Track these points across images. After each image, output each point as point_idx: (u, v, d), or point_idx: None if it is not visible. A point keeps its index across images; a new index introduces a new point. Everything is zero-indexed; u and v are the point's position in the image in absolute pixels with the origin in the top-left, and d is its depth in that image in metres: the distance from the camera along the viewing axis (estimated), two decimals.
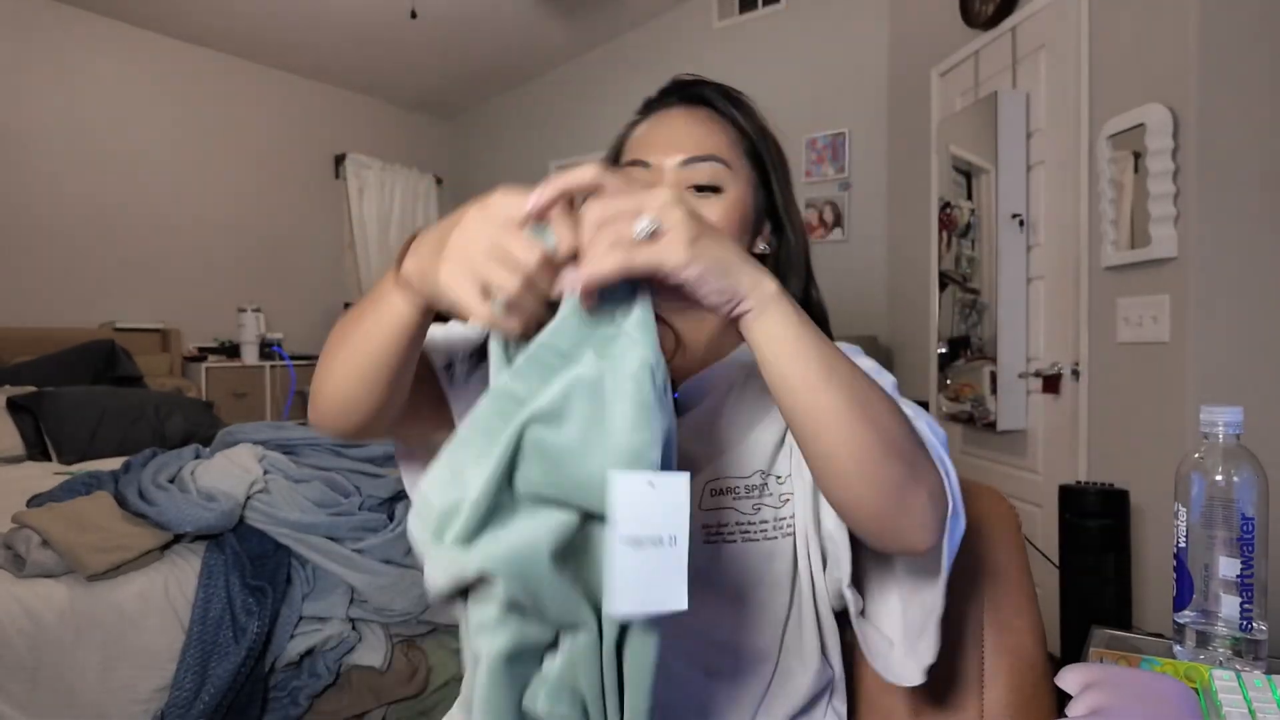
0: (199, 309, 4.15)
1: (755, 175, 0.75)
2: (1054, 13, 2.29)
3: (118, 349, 3.35)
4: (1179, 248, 1.80)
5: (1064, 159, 2.26)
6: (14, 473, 2.33)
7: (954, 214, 2.70)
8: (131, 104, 3.91)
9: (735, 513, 0.70)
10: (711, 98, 0.75)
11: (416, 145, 5.44)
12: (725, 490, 0.70)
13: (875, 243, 3.78)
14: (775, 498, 0.71)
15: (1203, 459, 0.67)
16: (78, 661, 1.43)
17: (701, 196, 0.71)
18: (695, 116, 0.74)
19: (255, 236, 4.46)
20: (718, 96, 0.75)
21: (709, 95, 0.75)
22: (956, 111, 2.79)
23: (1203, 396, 1.75)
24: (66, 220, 3.67)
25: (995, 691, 0.71)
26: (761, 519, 0.70)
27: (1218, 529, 0.65)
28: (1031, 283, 2.42)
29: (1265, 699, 0.56)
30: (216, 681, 1.50)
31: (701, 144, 0.72)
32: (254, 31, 4.12)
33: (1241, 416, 0.66)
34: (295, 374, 4.25)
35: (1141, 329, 1.93)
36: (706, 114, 0.74)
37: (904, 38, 3.45)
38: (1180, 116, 1.80)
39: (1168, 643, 0.71)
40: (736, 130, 0.75)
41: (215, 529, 1.66)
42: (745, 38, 4.21)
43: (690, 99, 0.76)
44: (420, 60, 4.67)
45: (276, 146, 4.57)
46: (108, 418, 2.72)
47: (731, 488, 0.70)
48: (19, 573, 1.46)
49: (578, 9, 4.31)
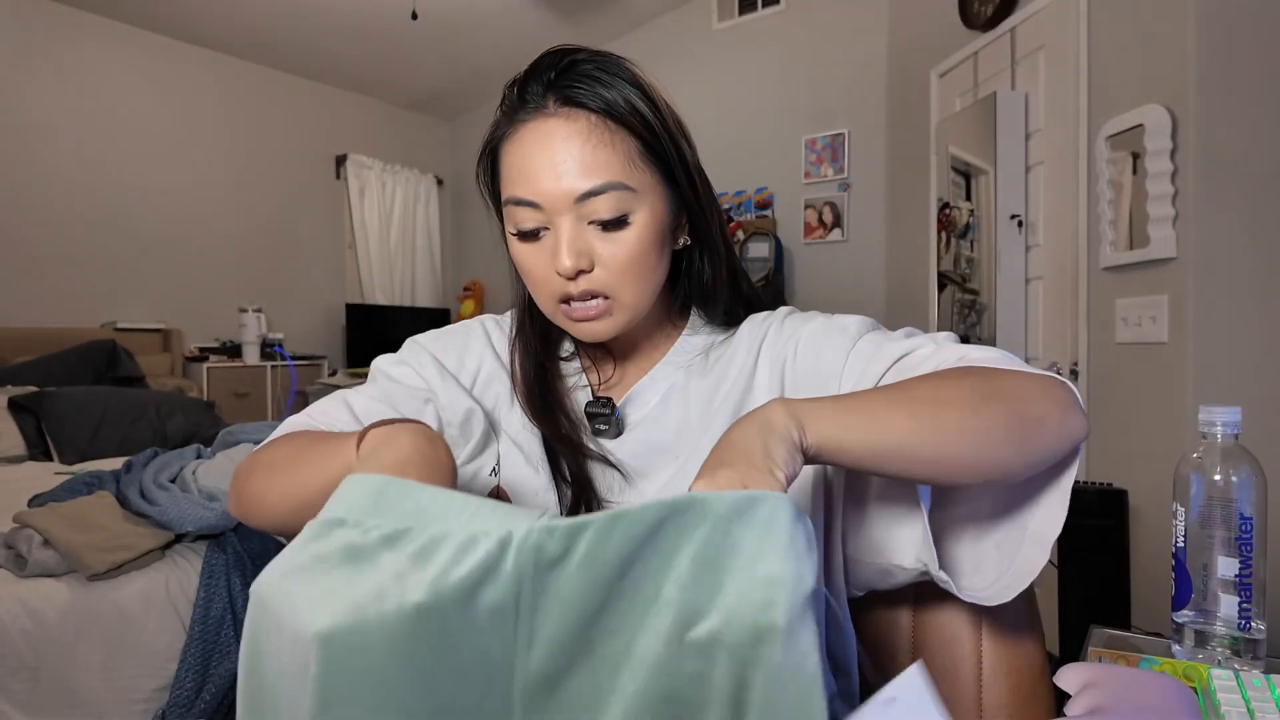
0: (200, 309, 4.16)
1: (659, 175, 0.64)
2: (1053, 14, 2.29)
3: (119, 349, 3.36)
4: (1178, 248, 1.80)
5: (1063, 160, 2.26)
6: (15, 472, 2.33)
7: (953, 214, 2.71)
8: (132, 104, 3.91)
9: None
10: (587, 97, 0.61)
11: (417, 145, 5.44)
12: None
13: (874, 243, 3.78)
14: None
15: (1201, 459, 0.67)
16: (79, 661, 1.43)
17: (607, 234, 0.62)
18: (577, 128, 0.61)
19: (256, 237, 4.46)
20: (593, 88, 0.61)
21: (584, 94, 0.61)
22: (956, 112, 2.80)
23: (1201, 396, 1.75)
24: (68, 220, 3.67)
25: (994, 691, 0.71)
26: None
27: (1216, 529, 0.66)
28: (1030, 283, 2.43)
29: (1264, 698, 0.56)
30: (218, 681, 1.50)
31: (592, 169, 0.60)
32: (255, 32, 4.12)
33: (1240, 416, 0.66)
34: (296, 374, 4.25)
35: (1140, 329, 1.93)
36: (589, 122, 0.61)
37: (903, 39, 3.45)
38: (1179, 117, 1.80)
39: (1166, 642, 0.71)
40: (626, 131, 0.62)
41: (216, 529, 1.66)
42: (745, 39, 4.21)
43: (565, 99, 0.61)
44: (420, 60, 4.67)
45: (277, 147, 4.58)
46: (109, 418, 2.72)
47: None
48: (21, 572, 1.47)
49: (578, 10, 4.31)
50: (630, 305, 0.65)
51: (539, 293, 0.66)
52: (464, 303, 5.42)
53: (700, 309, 0.75)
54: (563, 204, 0.61)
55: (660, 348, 0.74)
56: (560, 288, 0.63)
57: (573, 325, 0.66)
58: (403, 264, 5.31)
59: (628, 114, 0.62)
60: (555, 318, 0.67)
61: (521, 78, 0.64)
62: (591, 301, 0.63)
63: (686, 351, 0.73)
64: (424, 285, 5.45)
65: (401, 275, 5.30)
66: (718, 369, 0.72)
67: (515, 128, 0.63)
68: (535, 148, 0.61)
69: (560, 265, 0.61)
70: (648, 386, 0.72)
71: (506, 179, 0.64)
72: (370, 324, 4.86)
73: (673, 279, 0.73)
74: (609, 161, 0.61)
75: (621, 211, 0.61)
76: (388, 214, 5.20)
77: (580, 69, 0.62)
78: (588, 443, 0.70)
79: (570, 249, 0.61)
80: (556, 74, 0.62)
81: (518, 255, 0.65)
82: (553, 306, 0.65)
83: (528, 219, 0.63)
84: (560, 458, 0.69)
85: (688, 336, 0.74)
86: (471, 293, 5.41)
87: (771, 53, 4.12)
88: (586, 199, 0.60)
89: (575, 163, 0.60)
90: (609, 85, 0.62)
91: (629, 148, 0.62)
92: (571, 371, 0.76)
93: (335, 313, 4.89)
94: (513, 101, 0.64)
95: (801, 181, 4.02)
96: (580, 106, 0.61)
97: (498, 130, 0.66)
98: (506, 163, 0.64)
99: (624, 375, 0.75)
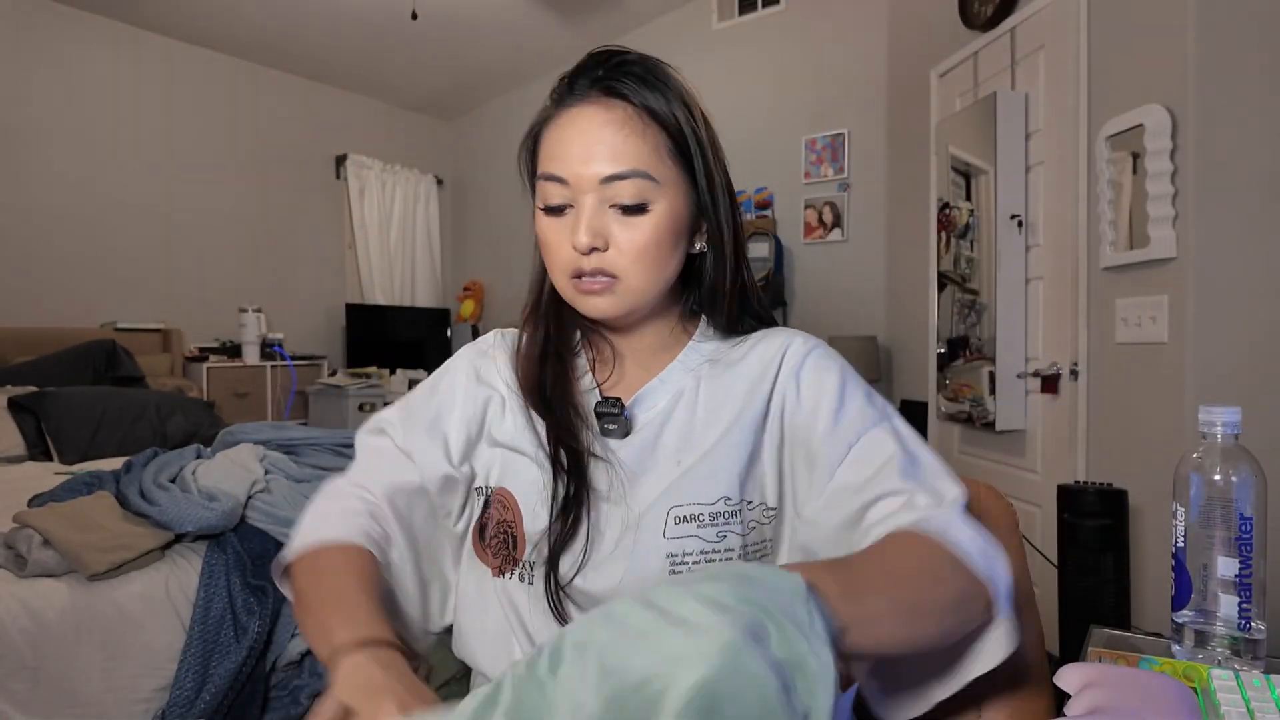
0: (200, 309, 4.16)
1: (684, 175, 0.69)
2: (1053, 14, 2.29)
3: (119, 349, 3.36)
4: (1177, 248, 1.80)
5: (1063, 160, 2.26)
6: (15, 472, 2.33)
7: (953, 214, 2.71)
8: (132, 104, 3.92)
9: (699, 540, 0.65)
10: (629, 91, 0.67)
11: (417, 146, 5.44)
12: (690, 518, 0.66)
13: (874, 243, 3.78)
14: (743, 524, 0.66)
15: (1201, 459, 0.67)
16: (79, 661, 1.43)
17: (626, 218, 0.66)
18: (613, 116, 0.66)
19: (256, 237, 4.47)
20: (637, 86, 0.67)
21: (627, 88, 0.67)
22: (955, 112, 2.80)
23: (1201, 396, 1.75)
24: (68, 220, 3.67)
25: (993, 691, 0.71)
26: (727, 546, 0.65)
27: (1216, 529, 0.66)
28: (1030, 283, 2.43)
29: (1264, 698, 0.56)
30: (217, 681, 1.50)
31: (621, 155, 0.65)
32: (255, 32, 4.12)
33: (1240, 416, 0.66)
34: (296, 374, 4.25)
35: (1140, 329, 1.93)
36: (625, 112, 0.66)
37: (903, 39, 3.45)
38: (1179, 117, 1.80)
39: (1166, 642, 0.71)
40: (659, 127, 0.67)
41: (216, 529, 1.66)
42: (745, 39, 4.21)
43: (606, 89, 0.67)
44: (421, 61, 4.68)
45: (277, 147, 4.58)
46: (109, 418, 2.72)
47: (695, 515, 0.66)
48: (20, 572, 1.47)
49: (578, 10, 4.31)
50: (635, 289, 0.68)
51: (554, 265, 0.70)
52: (464, 303, 5.42)
53: (708, 316, 0.77)
54: (588, 184, 0.65)
55: (670, 350, 0.75)
56: (574, 262, 0.67)
57: (580, 299, 0.69)
58: (402, 264, 5.31)
59: (662, 112, 0.67)
60: (565, 291, 0.71)
61: (572, 71, 0.70)
62: (600, 278, 0.67)
63: (697, 356, 0.74)
64: (424, 285, 5.45)
65: (401, 275, 5.30)
66: (727, 378, 0.73)
67: (559, 112, 0.68)
68: (572, 130, 0.67)
69: (577, 241, 0.66)
70: (657, 388, 0.73)
71: (543, 157, 0.69)
72: (370, 324, 4.86)
73: (685, 283, 0.76)
74: (638, 151, 0.65)
75: (642, 199, 0.66)
76: (388, 214, 5.20)
77: (627, 68, 0.68)
78: (593, 440, 0.71)
79: (589, 227, 0.65)
80: (605, 70, 0.68)
81: (541, 228, 0.70)
82: (565, 280, 0.69)
83: (555, 194, 0.67)
84: (561, 452, 0.69)
85: (697, 342, 0.76)
86: (471, 293, 5.41)
87: (771, 53, 4.12)
88: (611, 182, 0.65)
89: (606, 148, 0.65)
90: (651, 85, 0.67)
91: (659, 142, 0.67)
92: (577, 367, 0.77)
93: (335, 313, 4.89)
94: (561, 90, 0.70)
95: (801, 181, 4.02)
96: (620, 98, 0.67)
97: (543, 114, 0.71)
98: (545, 143, 0.69)
99: (627, 374, 0.75)
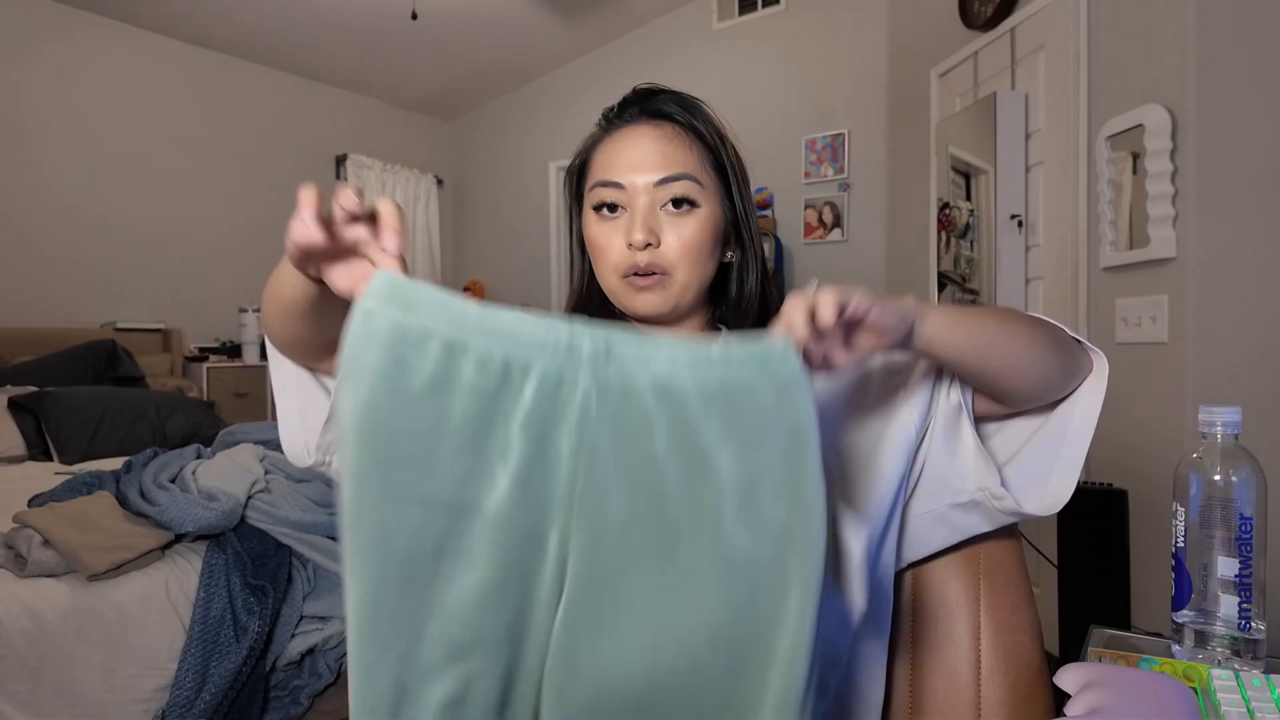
0: (200, 309, 4.15)
1: (722, 188, 0.77)
2: (1053, 14, 2.29)
3: (119, 349, 3.36)
4: (1177, 248, 1.80)
5: (1063, 160, 2.26)
6: (15, 472, 2.33)
7: (953, 214, 2.71)
8: (131, 104, 3.91)
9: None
10: (674, 112, 0.76)
11: (417, 145, 5.44)
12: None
13: (874, 243, 3.78)
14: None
15: (1201, 459, 0.67)
16: (79, 661, 1.43)
17: (678, 213, 0.73)
18: (662, 132, 0.74)
19: (256, 236, 4.46)
20: (679, 109, 0.76)
21: (671, 110, 0.76)
22: (956, 112, 2.80)
23: (1201, 396, 1.75)
24: (67, 220, 3.67)
25: (993, 690, 0.71)
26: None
27: (1216, 529, 0.66)
28: (1030, 283, 2.43)
29: (1264, 698, 0.56)
30: (217, 681, 1.50)
31: (672, 162, 0.73)
32: (254, 32, 4.12)
33: (1240, 416, 0.67)
34: None
35: (1140, 329, 1.93)
36: (672, 129, 0.75)
37: (903, 39, 3.45)
38: (1179, 117, 1.80)
39: (1166, 642, 0.71)
40: (702, 144, 0.76)
41: (216, 528, 1.66)
42: (745, 39, 4.21)
43: (653, 113, 0.76)
44: (420, 60, 4.67)
45: (277, 146, 4.57)
46: (109, 417, 2.72)
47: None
48: (20, 572, 1.47)
49: (578, 10, 4.31)
50: (683, 284, 0.74)
51: (604, 264, 0.75)
52: None
53: (732, 328, 0.80)
54: (642, 187, 0.73)
55: None
56: (628, 259, 0.73)
57: (632, 296, 0.74)
58: None
59: (704, 131, 0.76)
60: (615, 291, 0.76)
61: (618, 104, 0.79)
62: (652, 275, 0.73)
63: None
64: None
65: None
66: None
67: (608, 135, 0.77)
68: (626, 144, 0.75)
69: (633, 237, 0.72)
70: None
71: (595, 170, 0.76)
72: None
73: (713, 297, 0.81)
74: (685, 159, 0.74)
75: (691, 197, 0.73)
76: None
77: (669, 97, 0.78)
78: None
79: (644, 224, 0.72)
80: (649, 100, 0.77)
81: (594, 231, 0.76)
82: (616, 279, 0.75)
83: (610, 196, 0.74)
84: None
85: None
86: (471, 293, 5.41)
87: (771, 53, 4.12)
88: (663, 184, 0.72)
89: (658, 156, 0.73)
90: (690, 111, 0.77)
91: (701, 155, 0.75)
92: None
93: None
94: (609, 117, 0.79)
95: (801, 181, 4.02)
96: (666, 119, 0.76)
97: (591, 140, 0.79)
98: (597, 160, 0.77)
99: None
